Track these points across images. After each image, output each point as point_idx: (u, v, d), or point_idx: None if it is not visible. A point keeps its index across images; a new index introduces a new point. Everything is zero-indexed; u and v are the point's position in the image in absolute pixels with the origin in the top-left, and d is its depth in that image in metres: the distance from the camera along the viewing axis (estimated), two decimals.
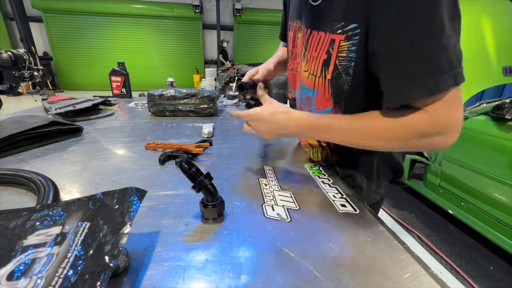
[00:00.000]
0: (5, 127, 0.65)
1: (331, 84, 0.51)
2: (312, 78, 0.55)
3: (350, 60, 0.46)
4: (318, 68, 0.52)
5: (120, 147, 0.72)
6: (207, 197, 0.40)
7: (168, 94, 1.05)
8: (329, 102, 0.53)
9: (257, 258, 0.34)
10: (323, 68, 0.51)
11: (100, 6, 7.62)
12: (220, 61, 7.47)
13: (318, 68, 0.52)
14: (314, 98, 0.56)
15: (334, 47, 0.48)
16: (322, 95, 0.54)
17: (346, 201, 0.48)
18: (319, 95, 0.55)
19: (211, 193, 0.39)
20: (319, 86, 0.54)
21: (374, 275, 0.32)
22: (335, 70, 0.49)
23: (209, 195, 0.39)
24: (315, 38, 0.52)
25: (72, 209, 0.32)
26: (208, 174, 0.40)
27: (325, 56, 0.50)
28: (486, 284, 1.38)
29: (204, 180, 0.38)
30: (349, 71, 0.48)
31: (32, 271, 0.24)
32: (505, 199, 1.43)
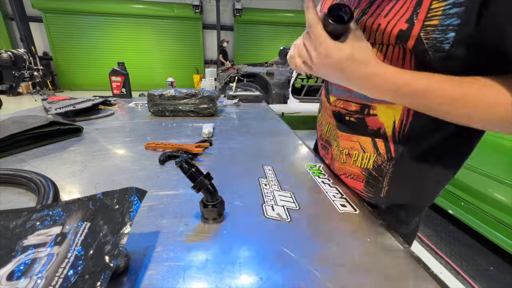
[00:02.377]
0: (5, 127, 0.65)
1: (414, 56, 0.36)
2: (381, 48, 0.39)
3: (445, 30, 0.32)
4: (391, 39, 0.37)
5: (120, 147, 0.72)
6: (207, 197, 0.40)
7: (168, 94, 1.05)
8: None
9: (257, 258, 0.34)
10: (397, 42, 0.36)
11: (100, 6, 7.62)
12: (220, 61, 7.47)
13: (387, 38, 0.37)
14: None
15: (420, 11, 0.33)
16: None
17: (346, 201, 0.48)
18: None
19: (210, 193, 0.39)
20: (392, 60, 0.38)
21: (374, 275, 0.32)
22: (417, 46, 0.35)
23: (209, 195, 0.39)
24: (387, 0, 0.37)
25: (72, 209, 0.32)
26: (208, 174, 0.39)
27: (405, 26, 0.35)
28: (486, 284, 1.38)
29: (204, 180, 0.38)
30: (442, 46, 0.33)
31: (32, 271, 0.24)
32: (505, 199, 1.43)
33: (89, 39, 8.12)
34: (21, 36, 7.56)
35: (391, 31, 0.36)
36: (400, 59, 0.38)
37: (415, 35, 0.34)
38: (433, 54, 0.34)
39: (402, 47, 0.37)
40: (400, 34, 0.35)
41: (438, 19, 0.32)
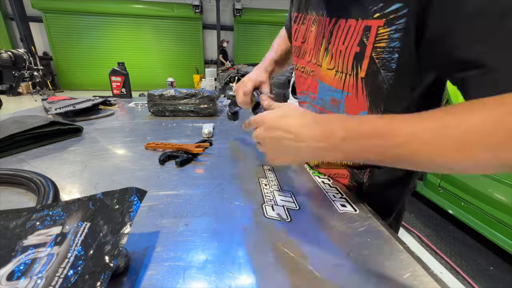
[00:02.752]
0: (5, 127, 0.65)
1: (365, 83, 0.41)
2: (341, 76, 0.45)
3: (391, 51, 0.36)
4: (348, 64, 0.42)
5: (120, 147, 0.72)
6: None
7: (168, 94, 1.05)
8: (363, 105, 0.43)
9: (257, 258, 0.34)
10: (354, 63, 0.41)
11: (100, 6, 7.62)
12: (220, 61, 7.47)
13: (348, 64, 0.42)
14: (343, 101, 0.46)
15: (369, 35, 0.38)
16: (354, 97, 0.44)
17: (346, 201, 0.48)
18: (350, 98, 0.45)
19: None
20: (349, 87, 0.44)
21: (374, 275, 0.32)
22: (371, 66, 0.39)
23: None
24: (342, 28, 0.42)
25: (72, 209, 0.32)
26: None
27: (357, 49, 0.40)
28: (486, 284, 1.39)
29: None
30: (390, 65, 0.37)
31: (32, 271, 0.24)
32: (505, 199, 1.43)
33: (89, 39, 8.12)
34: (21, 36, 7.56)
35: (349, 55, 0.42)
36: (355, 87, 0.43)
37: (368, 55, 0.39)
38: (385, 73, 0.39)
39: (355, 76, 0.42)
40: (356, 56, 0.41)
41: (385, 42, 0.37)
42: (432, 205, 1.98)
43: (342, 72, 0.44)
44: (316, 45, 0.51)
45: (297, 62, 0.59)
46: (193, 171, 0.58)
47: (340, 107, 0.48)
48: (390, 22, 0.35)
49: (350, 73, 0.43)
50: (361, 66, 0.41)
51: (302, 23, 0.55)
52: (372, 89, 0.41)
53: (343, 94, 0.46)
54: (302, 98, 0.60)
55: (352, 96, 0.44)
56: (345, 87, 0.45)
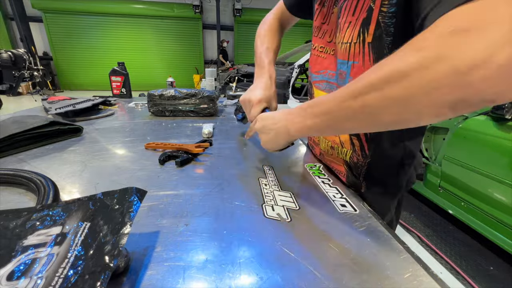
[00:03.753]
0: (5, 127, 0.65)
1: (371, 47, 0.42)
2: (346, 47, 0.45)
3: (391, 16, 0.38)
4: (354, 32, 0.43)
5: (120, 147, 0.73)
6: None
7: (168, 94, 1.05)
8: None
9: (257, 258, 0.34)
10: (361, 29, 0.42)
11: (100, 6, 7.62)
12: (220, 61, 7.47)
13: (355, 32, 0.43)
14: (348, 72, 0.46)
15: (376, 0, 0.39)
16: (361, 65, 0.44)
17: (346, 201, 0.48)
18: (356, 66, 0.45)
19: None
20: (355, 55, 0.44)
21: (374, 275, 0.32)
22: (377, 29, 0.40)
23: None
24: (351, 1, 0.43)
25: (72, 209, 0.32)
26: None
27: (365, 14, 0.41)
28: (486, 284, 1.39)
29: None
30: (389, 30, 0.39)
31: (32, 271, 0.24)
32: (505, 199, 1.43)
33: (89, 39, 8.12)
34: (21, 36, 7.56)
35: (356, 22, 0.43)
36: (361, 54, 0.44)
37: (374, 19, 0.40)
38: (386, 38, 0.40)
39: (362, 43, 0.43)
40: (363, 21, 0.42)
41: (387, 6, 0.39)
42: (432, 205, 1.98)
43: (347, 42, 0.45)
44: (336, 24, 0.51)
45: (316, 42, 0.58)
46: (193, 171, 0.58)
47: (345, 78, 0.47)
48: None
49: (355, 41, 0.44)
50: (367, 31, 0.41)
51: (323, 5, 0.55)
52: (378, 55, 0.42)
53: (349, 64, 0.46)
54: (319, 78, 0.59)
55: (359, 64, 0.44)
56: (350, 57, 0.45)
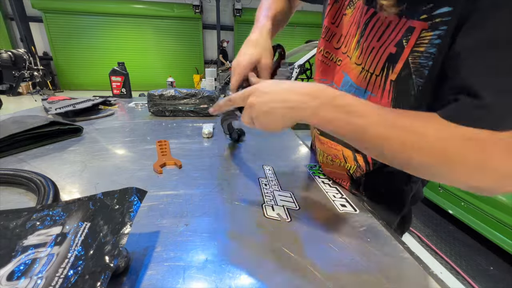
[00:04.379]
0: (5, 127, 0.65)
1: (394, 86, 0.38)
2: (366, 75, 0.41)
3: (428, 57, 0.34)
4: (379, 65, 0.39)
5: (120, 147, 0.73)
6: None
7: (168, 94, 1.05)
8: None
9: (257, 258, 0.34)
10: (386, 64, 0.38)
11: (100, 6, 7.62)
12: (220, 61, 7.47)
13: (379, 64, 0.39)
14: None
15: (411, 37, 0.35)
16: (378, 99, 0.41)
17: (346, 201, 0.48)
18: (373, 99, 0.41)
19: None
20: (374, 88, 0.41)
21: (374, 275, 0.32)
22: (404, 69, 0.36)
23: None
24: (380, 23, 0.38)
25: (72, 209, 0.32)
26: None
27: (394, 50, 0.37)
28: (486, 284, 1.39)
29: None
30: (423, 71, 0.35)
31: (32, 271, 0.24)
32: (505, 199, 1.43)
33: (89, 39, 8.11)
34: (21, 36, 7.56)
35: (382, 54, 0.39)
36: (381, 88, 0.40)
37: (403, 59, 0.36)
38: (416, 79, 0.36)
39: (384, 78, 0.39)
40: (389, 57, 0.38)
41: (425, 46, 0.34)
42: (432, 205, 1.98)
43: (368, 71, 0.41)
44: (350, 33, 0.46)
45: (322, 45, 0.53)
46: (193, 171, 0.58)
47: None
48: (434, 26, 0.32)
49: (378, 73, 0.40)
50: (393, 69, 0.38)
51: (336, 1, 0.49)
52: (399, 94, 0.39)
53: (366, 93, 0.42)
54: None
55: (376, 97, 0.41)
56: (369, 87, 0.42)
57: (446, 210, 1.81)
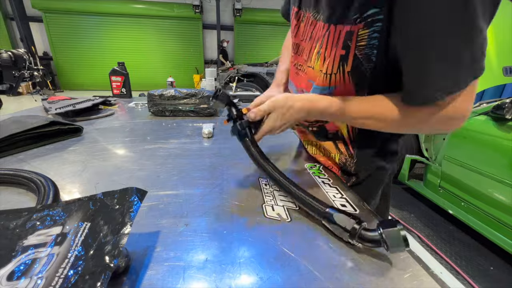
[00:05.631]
0: (5, 127, 0.65)
1: (351, 75, 0.48)
2: (326, 77, 0.50)
3: (372, 47, 0.43)
4: (334, 66, 0.48)
5: (120, 147, 0.73)
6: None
7: (168, 94, 1.05)
8: (351, 92, 0.50)
9: (257, 258, 0.34)
10: (340, 63, 0.48)
11: (100, 6, 7.62)
12: (220, 61, 7.47)
13: (334, 65, 0.48)
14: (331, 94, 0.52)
15: (352, 38, 0.44)
16: (343, 88, 0.50)
17: (346, 201, 0.48)
18: (338, 89, 0.51)
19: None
20: (336, 82, 0.50)
21: (374, 275, 0.32)
22: (355, 61, 0.46)
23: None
24: (333, 34, 0.47)
25: (72, 209, 0.32)
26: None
27: (343, 52, 0.46)
28: (486, 284, 1.38)
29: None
30: (371, 58, 0.44)
31: (33, 271, 0.24)
32: (505, 199, 1.43)
33: (89, 39, 8.12)
34: (21, 36, 7.56)
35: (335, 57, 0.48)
36: (342, 81, 0.49)
37: (352, 55, 0.45)
38: (367, 65, 0.45)
39: (342, 73, 0.48)
40: (341, 57, 0.47)
41: (366, 41, 0.43)
42: (432, 205, 1.98)
43: (327, 73, 0.50)
44: (311, 46, 0.54)
45: (295, 59, 0.61)
46: (193, 171, 0.58)
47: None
48: (369, 24, 0.41)
49: (335, 72, 0.49)
50: (347, 64, 0.47)
51: (301, 20, 0.57)
52: (358, 79, 0.48)
53: (330, 88, 0.51)
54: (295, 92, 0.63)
55: (340, 88, 0.50)
56: (331, 83, 0.51)
57: (446, 210, 1.81)
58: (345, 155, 0.59)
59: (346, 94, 0.50)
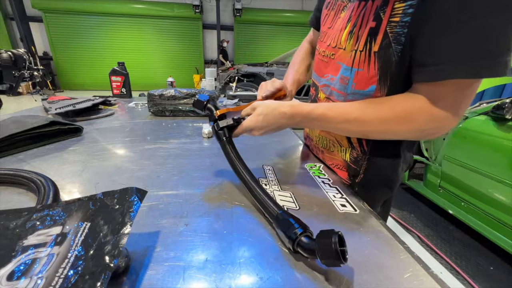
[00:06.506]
0: (5, 127, 0.65)
1: (378, 56, 0.44)
2: (351, 54, 0.47)
3: (403, 25, 0.39)
4: (361, 40, 0.45)
5: (120, 147, 0.73)
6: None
7: (168, 94, 1.05)
8: (373, 79, 0.46)
9: (257, 258, 0.34)
10: (368, 38, 0.44)
11: (100, 6, 7.62)
12: (220, 61, 7.47)
13: (361, 40, 0.45)
14: (352, 78, 0.49)
15: (386, 9, 0.41)
16: (366, 72, 0.46)
17: (346, 201, 0.48)
18: (361, 73, 0.47)
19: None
20: (360, 63, 0.47)
21: (374, 275, 0.32)
22: (384, 39, 0.42)
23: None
24: (368, 10, 0.44)
25: (72, 209, 0.32)
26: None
27: (373, 24, 0.43)
28: (486, 284, 1.38)
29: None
30: (400, 39, 0.40)
31: (33, 271, 0.24)
32: (505, 199, 1.43)
33: (89, 39, 8.12)
34: (21, 36, 7.56)
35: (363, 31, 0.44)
36: (366, 62, 0.46)
37: (382, 30, 0.42)
38: (395, 47, 0.42)
39: (368, 51, 0.45)
40: (370, 31, 0.43)
41: (399, 16, 0.40)
42: (432, 205, 1.98)
43: (352, 50, 0.47)
44: (337, 29, 0.52)
45: (320, 47, 0.60)
46: (193, 171, 0.58)
47: (348, 84, 0.50)
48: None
49: (361, 49, 0.45)
50: (375, 41, 0.43)
51: (332, 8, 0.56)
52: (383, 63, 0.44)
53: (353, 71, 0.48)
54: (322, 82, 0.60)
55: (363, 71, 0.47)
56: (354, 64, 0.47)
57: (446, 210, 1.81)
58: (357, 151, 0.57)
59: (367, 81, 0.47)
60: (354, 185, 0.59)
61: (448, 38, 0.36)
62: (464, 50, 0.35)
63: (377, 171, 0.57)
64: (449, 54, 0.36)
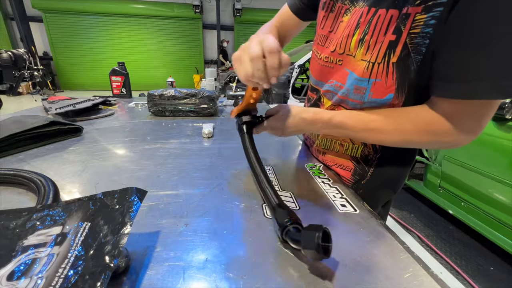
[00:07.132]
0: (5, 127, 0.65)
1: (396, 67, 0.43)
2: (368, 66, 0.46)
3: (424, 36, 0.39)
4: (380, 54, 0.44)
5: (120, 147, 0.73)
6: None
7: (168, 94, 1.05)
8: (391, 88, 0.46)
9: (257, 258, 0.34)
10: (387, 51, 0.43)
11: (100, 6, 7.63)
12: (220, 61, 7.47)
13: (380, 53, 0.44)
14: (369, 88, 0.48)
15: (407, 22, 0.39)
16: (383, 82, 0.46)
17: (346, 201, 0.48)
18: (378, 83, 0.46)
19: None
20: (377, 74, 0.46)
21: (374, 275, 0.32)
22: (404, 50, 0.41)
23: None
24: (382, 19, 0.43)
25: (72, 209, 0.32)
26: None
27: (393, 37, 0.42)
28: (486, 284, 1.39)
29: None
30: (421, 49, 0.40)
31: (33, 271, 0.24)
32: (505, 199, 1.43)
33: (89, 39, 8.13)
34: (21, 36, 7.57)
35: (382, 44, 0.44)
36: (384, 73, 0.45)
37: (402, 42, 0.41)
38: (415, 56, 0.41)
39: (386, 63, 0.44)
40: (389, 44, 0.43)
41: (420, 28, 0.39)
42: (432, 205, 1.98)
43: (370, 61, 0.46)
44: (344, 35, 0.50)
45: (321, 52, 0.58)
46: (193, 171, 0.58)
47: (365, 94, 0.49)
48: (428, 9, 0.37)
49: (380, 61, 0.45)
50: (394, 53, 0.43)
51: (330, 10, 0.55)
52: (402, 72, 0.43)
53: (370, 81, 0.47)
54: (327, 87, 0.58)
55: (381, 82, 0.46)
56: (372, 75, 0.47)
57: (446, 210, 1.81)
58: (369, 148, 0.56)
59: (384, 90, 0.47)
60: (359, 186, 0.59)
61: (477, 54, 0.35)
62: (496, 69, 0.34)
63: (385, 171, 0.57)
64: (479, 71, 0.35)
